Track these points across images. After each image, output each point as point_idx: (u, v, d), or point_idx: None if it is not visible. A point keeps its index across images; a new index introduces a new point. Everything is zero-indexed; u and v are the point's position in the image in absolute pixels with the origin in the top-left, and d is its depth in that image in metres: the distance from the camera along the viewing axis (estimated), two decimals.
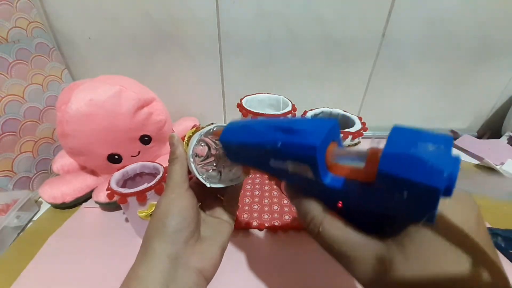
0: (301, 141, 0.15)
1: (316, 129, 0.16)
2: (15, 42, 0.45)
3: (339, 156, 0.15)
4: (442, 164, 0.11)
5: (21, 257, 0.36)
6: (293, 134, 0.16)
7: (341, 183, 0.15)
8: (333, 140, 0.16)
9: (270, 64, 0.61)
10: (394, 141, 0.13)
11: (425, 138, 0.12)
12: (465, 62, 0.62)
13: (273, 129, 0.17)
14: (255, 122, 0.20)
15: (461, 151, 0.64)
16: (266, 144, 0.17)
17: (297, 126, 0.16)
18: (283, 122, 0.18)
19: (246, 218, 0.42)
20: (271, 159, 0.18)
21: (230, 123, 0.21)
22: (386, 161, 0.12)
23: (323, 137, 0.15)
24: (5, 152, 0.42)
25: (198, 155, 0.23)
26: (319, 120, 0.17)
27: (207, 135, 0.24)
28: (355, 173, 0.15)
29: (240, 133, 0.20)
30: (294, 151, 0.16)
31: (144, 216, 0.34)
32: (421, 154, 0.12)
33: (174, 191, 0.22)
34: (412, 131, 0.13)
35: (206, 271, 0.21)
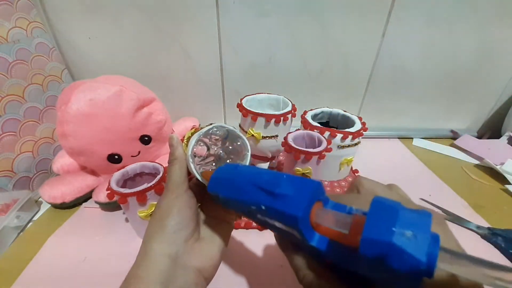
0: (283, 209, 0.16)
1: (298, 195, 0.16)
2: (15, 42, 0.45)
3: (325, 222, 0.15)
4: (419, 253, 0.11)
5: (21, 257, 0.36)
6: (276, 199, 0.16)
7: (328, 246, 0.15)
8: (318, 199, 0.16)
9: (270, 64, 0.61)
10: (373, 221, 0.13)
11: (403, 219, 0.12)
12: (465, 62, 0.62)
13: (257, 188, 0.17)
14: (241, 175, 0.19)
15: (461, 151, 0.64)
16: (250, 204, 0.18)
17: (279, 189, 0.16)
18: (267, 180, 0.17)
19: (246, 218, 0.42)
20: (258, 214, 0.18)
21: (217, 170, 0.21)
22: (366, 246, 0.12)
23: (305, 204, 0.15)
24: (5, 152, 0.42)
25: (198, 155, 0.23)
26: (303, 182, 0.17)
27: (206, 136, 0.24)
28: (340, 237, 0.15)
29: (226, 186, 0.20)
30: (278, 216, 0.16)
31: (144, 216, 0.34)
32: (399, 241, 0.12)
33: (174, 192, 0.22)
34: (392, 208, 0.13)
35: (206, 271, 0.21)
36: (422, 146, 0.67)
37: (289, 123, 0.47)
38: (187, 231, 0.22)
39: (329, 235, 0.15)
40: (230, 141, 0.25)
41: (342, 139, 0.46)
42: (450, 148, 0.66)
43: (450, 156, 0.63)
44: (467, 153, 0.64)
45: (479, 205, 0.47)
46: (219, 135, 0.25)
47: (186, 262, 0.21)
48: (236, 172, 0.20)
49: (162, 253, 0.20)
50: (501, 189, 0.51)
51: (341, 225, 0.14)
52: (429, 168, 0.58)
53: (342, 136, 0.45)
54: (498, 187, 0.52)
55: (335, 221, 0.15)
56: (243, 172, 0.20)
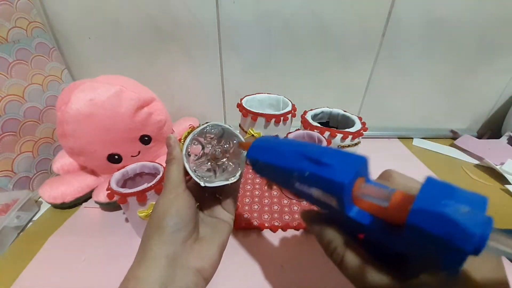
0: (330, 176, 0.16)
1: (345, 166, 0.16)
2: (15, 42, 0.45)
3: (368, 193, 0.16)
4: (473, 226, 0.11)
5: (21, 257, 0.36)
6: (322, 166, 0.16)
7: (366, 219, 0.15)
8: (361, 175, 0.17)
9: (270, 64, 0.61)
10: (427, 195, 0.13)
11: (459, 196, 0.12)
12: (465, 62, 0.62)
13: (302, 157, 0.18)
14: (284, 145, 0.20)
15: (461, 151, 0.64)
16: (293, 170, 0.18)
17: (326, 158, 0.16)
18: (313, 151, 0.18)
19: (246, 218, 0.42)
20: (297, 182, 0.18)
21: (259, 139, 0.22)
22: (417, 215, 0.12)
23: (352, 175, 0.15)
24: (5, 152, 0.42)
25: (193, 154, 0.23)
26: (349, 155, 0.17)
27: (200, 135, 0.24)
28: (381, 212, 0.15)
29: (267, 153, 0.20)
30: (322, 183, 0.16)
31: (144, 216, 0.34)
32: (454, 214, 0.12)
33: (172, 192, 0.22)
34: (447, 186, 0.13)
35: (205, 271, 0.21)
36: (422, 146, 0.67)
37: (289, 123, 0.48)
38: (185, 231, 0.21)
39: (369, 209, 0.15)
40: (226, 140, 0.25)
41: (342, 139, 0.46)
42: (450, 148, 0.66)
43: (450, 156, 0.63)
44: (467, 153, 0.63)
45: None
46: (214, 133, 0.25)
47: (185, 262, 0.21)
48: (280, 141, 0.21)
49: (161, 253, 0.20)
50: (501, 189, 0.51)
51: (383, 199, 0.14)
52: (429, 168, 0.58)
53: (342, 136, 0.45)
54: (498, 187, 0.52)
55: (378, 195, 0.15)
56: (288, 142, 0.20)
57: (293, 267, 0.35)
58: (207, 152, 0.24)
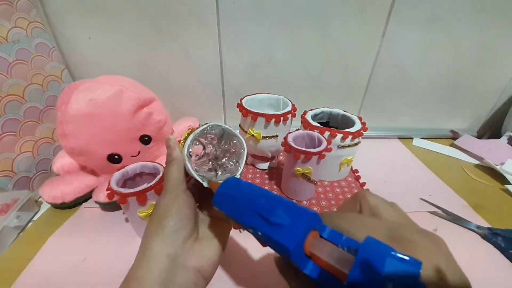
0: (278, 239, 0.16)
1: (293, 225, 0.16)
2: (15, 42, 0.45)
3: (317, 250, 0.16)
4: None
5: (21, 257, 0.36)
6: (271, 227, 0.17)
7: (320, 275, 0.16)
8: (314, 229, 0.17)
9: (270, 64, 0.61)
10: (361, 261, 0.13)
11: (390, 267, 0.13)
12: (465, 62, 0.63)
13: (255, 213, 0.18)
14: (243, 196, 0.20)
15: (461, 151, 0.64)
16: (248, 226, 0.18)
17: (276, 218, 0.17)
18: (265, 207, 0.18)
19: None
20: (257, 234, 0.18)
21: (223, 184, 0.21)
22: (353, 284, 0.13)
23: (299, 236, 0.16)
24: (5, 152, 0.42)
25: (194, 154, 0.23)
26: (298, 211, 0.17)
27: (201, 135, 0.24)
28: (331, 269, 0.15)
29: (228, 203, 0.20)
30: (272, 244, 0.17)
31: (144, 216, 0.34)
32: None
33: (172, 192, 0.22)
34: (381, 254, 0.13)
35: (205, 270, 0.21)
36: (422, 146, 0.67)
37: (289, 123, 0.47)
38: (186, 231, 0.22)
39: (322, 265, 0.16)
40: (226, 140, 0.25)
41: (342, 139, 0.46)
42: (450, 148, 0.66)
43: (450, 156, 0.63)
44: (467, 153, 0.64)
45: (479, 205, 0.47)
46: (215, 134, 0.25)
47: (185, 262, 0.21)
48: (238, 190, 0.21)
49: (161, 253, 0.20)
50: (501, 189, 0.51)
51: (334, 259, 0.15)
52: (429, 168, 0.58)
53: (342, 136, 0.45)
54: (498, 187, 0.52)
55: (329, 255, 0.15)
56: (244, 192, 0.20)
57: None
58: (208, 152, 0.25)
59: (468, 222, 0.42)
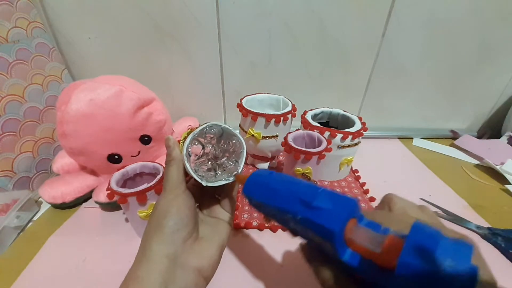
0: (320, 222, 0.16)
1: (336, 211, 0.16)
2: (15, 42, 0.45)
3: (359, 238, 0.16)
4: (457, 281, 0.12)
5: (21, 257, 0.36)
6: (314, 210, 0.16)
7: (359, 262, 0.15)
8: (353, 216, 0.17)
9: (270, 64, 0.61)
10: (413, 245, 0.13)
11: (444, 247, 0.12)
12: (465, 62, 0.63)
13: (295, 198, 0.18)
14: (278, 183, 0.20)
15: (461, 151, 0.64)
16: (286, 212, 0.18)
17: (318, 202, 0.17)
18: (306, 192, 0.18)
19: (246, 218, 0.42)
20: (291, 223, 0.18)
21: (254, 174, 0.22)
22: (404, 268, 0.13)
23: (343, 220, 0.16)
24: (5, 152, 0.42)
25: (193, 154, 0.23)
26: (341, 198, 0.17)
27: (200, 135, 0.24)
28: (373, 256, 0.15)
29: (261, 191, 0.20)
30: (313, 227, 0.16)
31: (144, 216, 0.34)
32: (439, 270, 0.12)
33: (172, 192, 0.22)
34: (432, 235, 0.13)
35: (205, 270, 0.21)
36: (422, 146, 0.67)
37: (289, 123, 0.47)
38: (185, 231, 0.22)
39: (362, 252, 0.15)
40: (225, 139, 0.25)
41: (342, 139, 0.46)
42: (450, 148, 0.66)
43: (450, 156, 0.63)
44: (467, 153, 0.63)
45: (479, 205, 0.47)
46: (214, 133, 0.25)
47: (185, 262, 0.21)
48: (272, 178, 0.20)
49: (161, 253, 0.20)
50: (501, 189, 0.51)
51: (375, 244, 0.15)
52: (429, 168, 0.58)
53: (342, 136, 0.45)
54: (498, 187, 0.52)
55: (370, 240, 0.15)
56: (280, 179, 0.20)
57: (293, 267, 0.35)
58: (208, 152, 0.25)
59: (468, 222, 0.42)
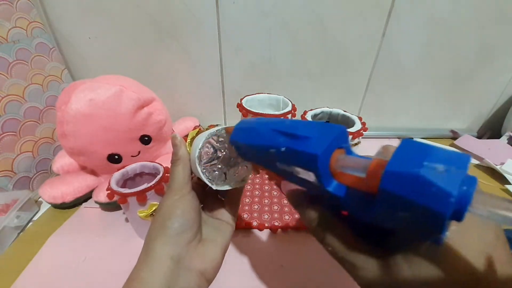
0: (303, 149, 0.15)
1: (320, 137, 0.15)
2: (15, 42, 0.45)
3: (345, 165, 0.15)
4: (450, 186, 0.10)
5: (21, 257, 0.36)
6: (297, 140, 0.16)
7: (345, 193, 0.15)
8: (340, 147, 0.16)
9: (270, 64, 0.61)
10: (401, 156, 0.12)
11: (436, 155, 0.11)
12: (465, 62, 0.62)
13: (278, 133, 0.17)
14: (261, 124, 0.19)
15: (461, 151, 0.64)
16: (270, 148, 0.17)
17: (301, 131, 0.16)
18: (288, 126, 0.17)
19: (246, 218, 0.42)
20: (277, 161, 0.17)
21: (240, 122, 0.21)
22: (389, 179, 0.11)
23: (326, 145, 0.15)
24: (5, 152, 0.42)
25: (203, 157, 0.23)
26: (326, 126, 0.16)
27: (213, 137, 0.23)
28: (360, 183, 0.14)
29: (247, 134, 0.20)
30: (298, 158, 0.16)
31: (144, 216, 0.34)
32: (428, 175, 0.10)
33: (177, 193, 0.22)
34: (423, 146, 0.12)
35: (208, 273, 0.21)
36: None
37: None
38: (190, 233, 0.21)
39: (349, 183, 0.15)
40: None
41: None
42: (450, 148, 0.66)
43: None
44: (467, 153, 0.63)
45: None
46: (226, 137, 0.24)
47: (189, 264, 0.21)
48: (259, 121, 0.20)
49: (165, 255, 0.20)
50: (501, 189, 0.51)
51: (361, 170, 0.13)
52: None
53: None
54: (498, 187, 0.52)
55: (356, 165, 0.14)
56: (265, 121, 0.20)
57: (293, 267, 0.35)
58: (220, 156, 0.24)
59: None
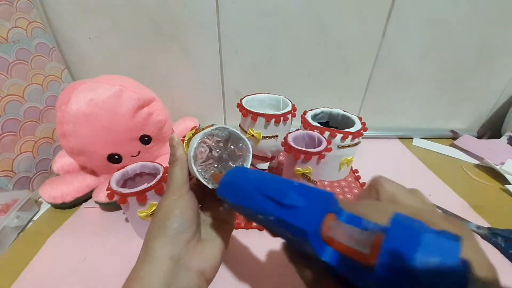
0: (292, 222, 0.15)
1: (309, 208, 0.15)
2: (15, 42, 0.45)
3: (337, 236, 0.14)
4: (444, 281, 0.10)
5: (21, 257, 0.36)
6: (285, 210, 0.15)
7: (339, 260, 0.14)
8: (331, 211, 0.15)
9: (270, 64, 0.61)
10: (393, 243, 0.12)
11: (428, 243, 0.11)
12: (465, 62, 0.63)
13: (264, 197, 0.17)
14: (247, 183, 0.19)
15: (461, 151, 0.64)
16: (258, 213, 0.17)
17: (288, 200, 0.15)
18: (277, 190, 0.16)
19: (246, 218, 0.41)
20: (267, 223, 0.17)
21: (228, 173, 0.20)
22: (384, 270, 0.12)
23: (316, 218, 0.14)
24: (5, 152, 0.42)
25: (199, 156, 0.23)
26: (314, 193, 0.16)
27: (208, 137, 0.24)
28: (354, 254, 0.14)
29: (233, 192, 0.19)
30: (287, 228, 0.15)
31: (144, 216, 0.34)
32: (423, 268, 0.11)
33: (175, 193, 0.22)
34: (413, 230, 0.12)
35: (207, 272, 0.21)
36: (422, 146, 0.67)
37: (289, 123, 0.47)
38: (189, 233, 0.21)
39: (343, 251, 0.14)
40: (232, 143, 0.25)
41: (342, 139, 0.46)
42: (450, 148, 0.66)
43: (450, 156, 0.63)
44: (467, 153, 0.63)
45: (479, 205, 0.47)
46: (221, 136, 0.24)
47: (188, 264, 0.21)
48: (244, 177, 0.19)
49: (164, 255, 0.20)
50: (501, 189, 0.51)
51: (356, 242, 0.13)
52: (429, 168, 0.57)
53: (342, 136, 0.45)
54: (498, 187, 0.52)
55: (350, 237, 0.14)
56: (252, 178, 0.19)
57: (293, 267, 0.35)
58: (215, 155, 0.24)
59: (468, 222, 0.42)
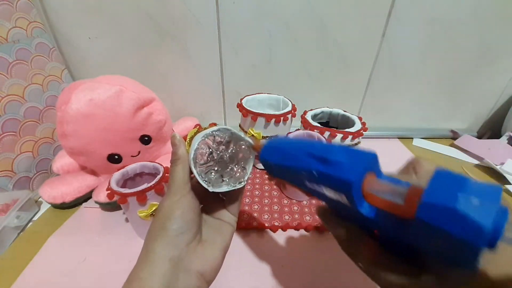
0: (337, 174, 0.16)
1: (353, 163, 0.16)
2: (15, 42, 0.45)
3: (378, 189, 0.15)
4: (484, 219, 0.11)
5: (21, 257, 0.36)
6: (329, 165, 0.16)
7: (377, 215, 0.15)
8: (371, 170, 0.16)
9: (270, 64, 0.61)
10: (436, 188, 0.12)
11: (470, 188, 0.12)
12: (465, 62, 0.62)
13: (310, 156, 0.18)
14: (293, 144, 0.20)
15: (461, 151, 0.64)
16: (302, 170, 0.18)
17: (334, 156, 0.16)
18: (321, 149, 0.18)
19: (246, 218, 0.42)
20: (307, 182, 0.18)
21: (270, 141, 0.22)
22: (425, 209, 0.12)
23: (360, 171, 0.15)
24: (5, 152, 0.42)
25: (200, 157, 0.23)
26: (357, 152, 0.17)
27: (209, 138, 0.23)
28: (393, 208, 0.14)
29: (277, 154, 0.20)
30: (330, 181, 0.16)
31: (144, 216, 0.34)
32: (463, 208, 0.11)
33: (177, 194, 0.22)
34: (457, 178, 0.13)
35: (208, 274, 0.21)
36: (422, 146, 0.67)
37: (289, 123, 0.48)
38: (189, 234, 0.21)
39: (380, 205, 0.15)
40: (234, 144, 0.25)
41: (342, 139, 0.46)
42: (450, 148, 0.66)
43: (450, 156, 0.63)
44: (467, 153, 0.63)
45: None
46: (223, 137, 0.24)
47: (188, 265, 0.20)
48: (288, 142, 0.21)
49: (165, 256, 0.20)
50: None
51: (394, 195, 0.14)
52: None
53: (342, 136, 0.45)
54: None
55: (389, 191, 0.14)
56: (295, 142, 0.20)
57: (293, 267, 0.35)
58: (216, 157, 0.24)
59: None
